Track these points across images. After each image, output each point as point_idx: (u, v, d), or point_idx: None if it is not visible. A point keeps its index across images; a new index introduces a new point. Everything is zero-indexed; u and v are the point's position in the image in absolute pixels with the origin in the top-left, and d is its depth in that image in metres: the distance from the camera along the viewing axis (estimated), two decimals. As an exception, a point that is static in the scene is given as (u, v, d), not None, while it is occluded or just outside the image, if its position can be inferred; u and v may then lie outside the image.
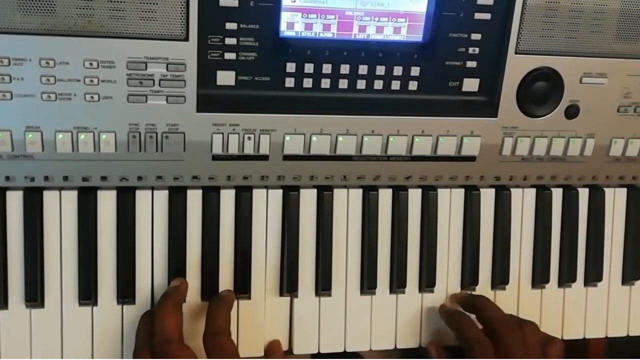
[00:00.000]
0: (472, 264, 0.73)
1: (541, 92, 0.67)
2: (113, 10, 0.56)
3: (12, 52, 0.56)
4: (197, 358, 0.59)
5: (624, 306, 0.78)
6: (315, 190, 0.69)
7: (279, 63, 0.62)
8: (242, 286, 0.68)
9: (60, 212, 0.64)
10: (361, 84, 0.64)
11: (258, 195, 0.68)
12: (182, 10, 0.58)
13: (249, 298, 0.68)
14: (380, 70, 0.64)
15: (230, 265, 0.68)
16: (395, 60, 0.64)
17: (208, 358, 0.60)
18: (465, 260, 0.73)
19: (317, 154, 0.65)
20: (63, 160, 0.61)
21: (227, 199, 0.67)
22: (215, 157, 0.64)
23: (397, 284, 0.71)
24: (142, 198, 0.65)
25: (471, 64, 0.66)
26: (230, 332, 0.63)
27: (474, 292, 0.74)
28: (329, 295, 0.70)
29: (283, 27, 0.61)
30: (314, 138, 0.65)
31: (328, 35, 0.63)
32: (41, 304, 0.64)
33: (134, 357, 0.61)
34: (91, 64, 0.58)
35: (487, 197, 0.73)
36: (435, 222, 0.72)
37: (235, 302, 0.67)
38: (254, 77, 0.62)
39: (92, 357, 0.65)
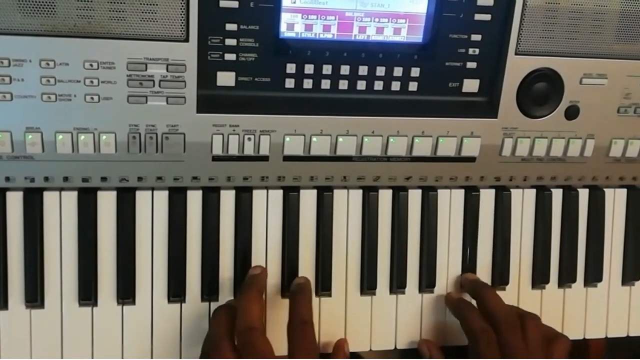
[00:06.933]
0: (472, 265, 0.73)
1: (541, 93, 0.67)
2: (113, 11, 0.56)
3: (12, 53, 0.56)
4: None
5: (624, 306, 0.78)
6: (315, 191, 0.69)
7: (279, 64, 0.62)
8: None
9: (60, 212, 0.64)
10: (361, 85, 0.64)
11: (258, 196, 0.68)
12: (182, 11, 0.58)
13: (249, 298, 0.68)
14: (381, 71, 0.64)
15: (231, 266, 0.68)
16: (396, 61, 0.64)
17: (240, 357, 0.57)
18: (465, 261, 0.73)
19: (317, 155, 0.65)
20: (63, 161, 0.61)
21: (227, 199, 0.67)
22: (215, 158, 0.64)
23: (397, 284, 0.71)
24: (142, 199, 0.65)
25: (471, 64, 0.66)
26: (265, 327, 0.60)
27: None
28: (329, 295, 0.70)
29: (283, 28, 0.61)
30: (314, 139, 0.65)
31: (328, 36, 0.63)
32: (41, 304, 0.64)
33: (211, 349, 0.58)
34: (91, 65, 0.58)
35: (487, 197, 0.73)
36: (435, 223, 0.72)
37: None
38: (254, 78, 0.62)
39: (92, 357, 0.65)
